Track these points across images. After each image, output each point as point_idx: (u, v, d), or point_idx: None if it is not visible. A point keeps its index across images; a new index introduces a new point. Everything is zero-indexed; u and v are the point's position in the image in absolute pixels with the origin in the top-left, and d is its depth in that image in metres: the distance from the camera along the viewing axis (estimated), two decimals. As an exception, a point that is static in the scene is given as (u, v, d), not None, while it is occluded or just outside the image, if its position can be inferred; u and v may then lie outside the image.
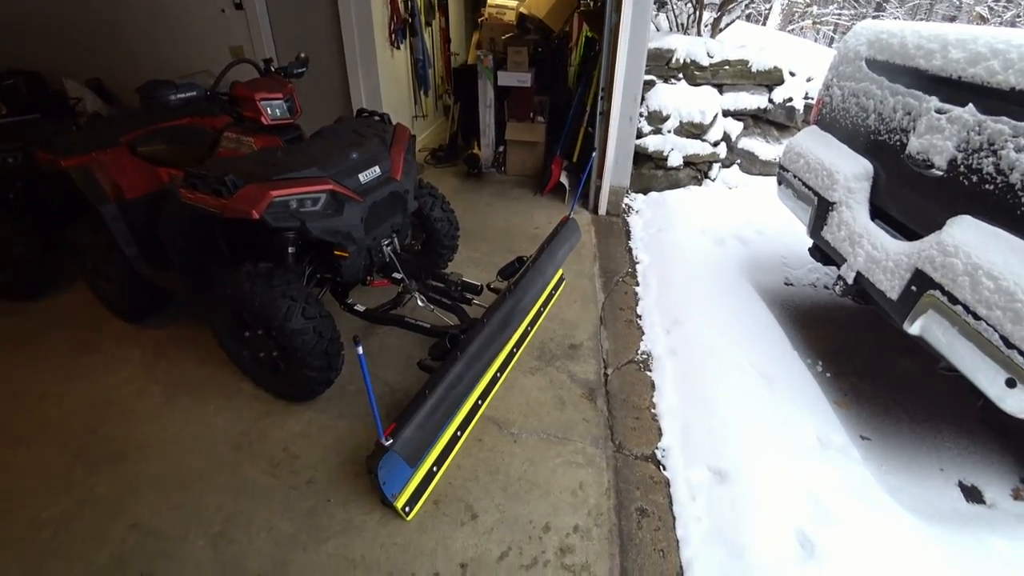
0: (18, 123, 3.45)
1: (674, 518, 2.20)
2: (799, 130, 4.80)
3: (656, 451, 2.49)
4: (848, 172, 2.73)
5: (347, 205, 2.31)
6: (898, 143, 2.51)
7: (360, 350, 1.61)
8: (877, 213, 2.68)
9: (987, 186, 1.99)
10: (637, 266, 3.69)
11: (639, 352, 3.04)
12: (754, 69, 4.36)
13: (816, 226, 2.99)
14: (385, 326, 2.86)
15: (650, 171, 4.40)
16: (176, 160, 2.86)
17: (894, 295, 2.33)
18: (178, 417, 2.58)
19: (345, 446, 2.39)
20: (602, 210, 4.19)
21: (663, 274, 3.58)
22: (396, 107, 4.45)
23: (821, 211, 2.92)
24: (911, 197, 2.45)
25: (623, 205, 4.21)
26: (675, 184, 4.46)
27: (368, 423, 2.50)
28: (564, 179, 4.25)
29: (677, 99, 4.24)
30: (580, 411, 2.63)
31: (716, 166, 4.52)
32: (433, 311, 2.77)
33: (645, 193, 4.42)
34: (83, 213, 3.05)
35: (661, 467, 2.42)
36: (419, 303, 2.73)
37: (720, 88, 4.45)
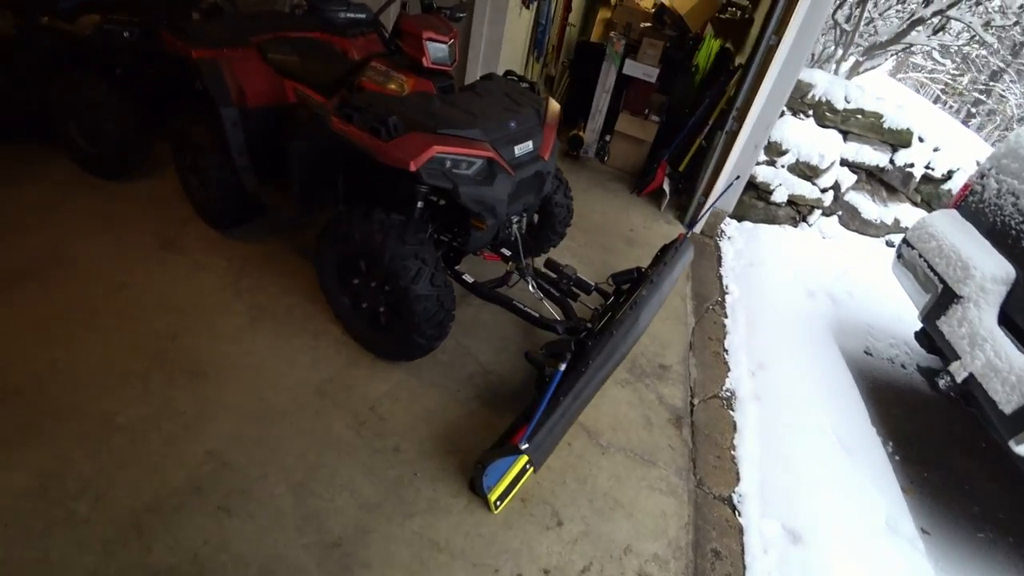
0: None
1: (745, 567, 2.17)
2: (909, 198, 4.65)
3: (733, 495, 2.45)
4: (987, 270, 2.60)
5: (499, 176, 2.16)
6: (1054, 260, 2.39)
7: (562, 367, 1.50)
8: (1005, 320, 2.57)
9: None
10: (727, 296, 3.58)
11: (724, 388, 2.95)
12: (886, 125, 4.18)
13: (933, 314, 2.87)
14: (481, 300, 2.73)
15: (750, 200, 4.24)
16: (306, 76, 2.68)
17: (1008, 409, 2.25)
18: (261, 344, 2.47)
19: (436, 420, 2.30)
20: (697, 228, 4.05)
21: (752, 312, 3.48)
22: (505, 68, 4.23)
23: (944, 301, 2.80)
24: (1054, 317, 2.35)
25: (718, 229, 4.08)
26: (771, 219, 4.32)
27: (459, 399, 2.40)
28: (666, 185, 4.09)
29: (800, 136, 4.06)
30: (666, 436, 2.56)
31: (817, 212, 4.38)
32: (542, 300, 2.64)
33: (739, 220, 4.28)
34: (187, 103, 2.88)
35: (737, 512, 2.38)
36: (529, 289, 2.60)
37: (845, 135, 4.27)
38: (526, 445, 1.71)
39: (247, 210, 2.93)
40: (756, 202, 4.24)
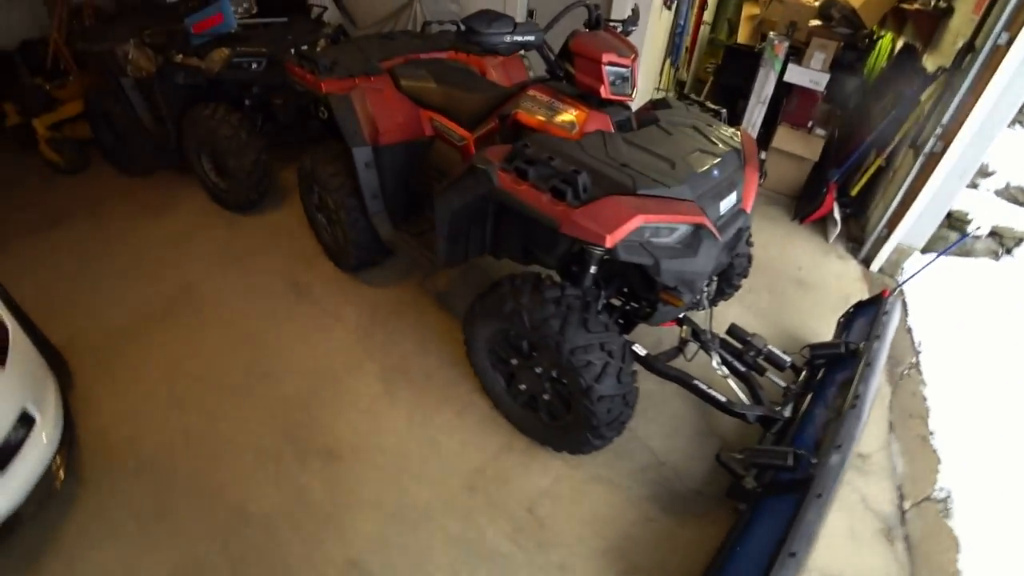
0: (266, 25, 3.06)
1: None
2: None
3: None
4: None
5: (705, 243, 1.70)
6: None
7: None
8: None
9: None
10: (920, 356, 2.94)
11: (937, 486, 2.36)
12: None
13: None
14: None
15: (939, 229, 3.53)
16: (446, 106, 2.35)
17: None
18: (398, 418, 2.18)
19: (606, 528, 1.91)
20: (876, 266, 3.40)
21: (957, 377, 2.82)
22: (643, 77, 3.74)
23: None
24: None
25: (900, 267, 3.42)
26: (965, 252, 3.58)
27: (631, 500, 2.00)
28: (836, 212, 3.46)
29: (1015, 152, 3.30)
30: (877, 554, 2.06)
31: (1026, 244, 3.59)
32: (727, 378, 2.17)
33: (921, 252, 3.58)
34: (316, 135, 2.65)
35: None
36: (713, 365, 2.15)
37: None
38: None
39: (378, 252, 2.66)
40: (948, 232, 3.52)
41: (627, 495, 2.02)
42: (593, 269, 1.87)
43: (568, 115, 1.95)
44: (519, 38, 1.85)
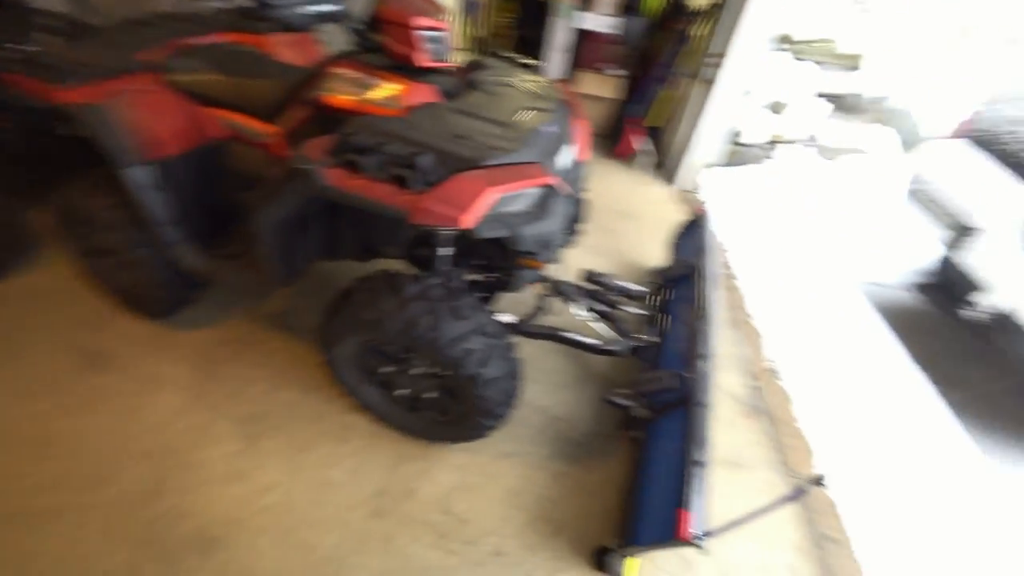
0: None
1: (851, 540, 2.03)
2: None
3: (818, 470, 2.31)
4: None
5: (555, 200, 1.70)
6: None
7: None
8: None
9: None
10: (725, 254, 3.39)
11: (766, 358, 2.78)
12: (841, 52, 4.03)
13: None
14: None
15: (726, 144, 4.00)
16: (234, 99, 2.00)
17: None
18: (274, 471, 1.90)
19: (525, 500, 1.91)
20: (679, 184, 3.77)
21: (756, 264, 3.32)
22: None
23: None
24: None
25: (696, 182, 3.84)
26: (743, 160, 4.13)
27: (539, 464, 2.03)
28: (640, 144, 3.73)
29: (771, 71, 3.82)
30: (747, 432, 2.36)
31: (787, 146, 4.23)
32: (597, 321, 2.26)
33: (714, 167, 4.06)
34: (73, 160, 2.11)
35: (825, 487, 2.24)
36: (582, 314, 2.21)
37: (817, 65, 4.06)
38: (705, 535, 1.38)
39: (190, 288, 2.24)
40: (733, 147, 4.02)
41: (533, 462, 2.03)
42: (448, 252, 1.78)
43: (386, 90, 1.76)
44: (319, 8, 1.62)
